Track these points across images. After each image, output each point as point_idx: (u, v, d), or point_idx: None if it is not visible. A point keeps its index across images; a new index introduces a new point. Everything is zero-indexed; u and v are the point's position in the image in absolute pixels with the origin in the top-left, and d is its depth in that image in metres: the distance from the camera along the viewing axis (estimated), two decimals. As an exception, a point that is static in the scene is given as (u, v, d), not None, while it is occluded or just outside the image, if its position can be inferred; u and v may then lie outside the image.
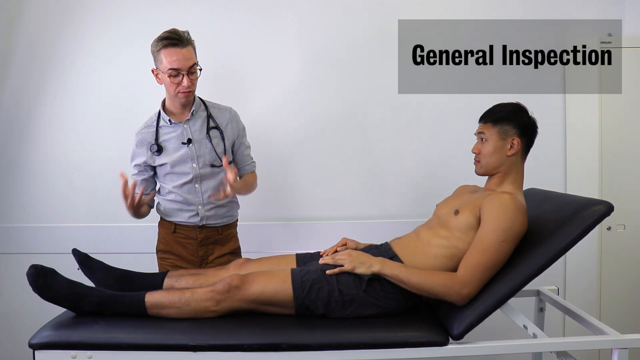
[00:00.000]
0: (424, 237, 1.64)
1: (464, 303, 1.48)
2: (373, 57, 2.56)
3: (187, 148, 1.90)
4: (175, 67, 1.79)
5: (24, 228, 2.55)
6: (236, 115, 2.01)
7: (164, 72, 1.81)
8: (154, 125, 1.93)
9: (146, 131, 1.93)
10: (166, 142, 1.92)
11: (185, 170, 1.92)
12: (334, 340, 1.41)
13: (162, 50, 1.79)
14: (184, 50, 1.79)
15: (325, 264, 1.59)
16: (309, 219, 2.58)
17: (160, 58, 1.81)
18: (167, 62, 1.79)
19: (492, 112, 1.67)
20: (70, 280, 1.51)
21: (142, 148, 1.93)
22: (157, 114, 1.95)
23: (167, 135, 1.92)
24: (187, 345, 1.38)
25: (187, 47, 1.81)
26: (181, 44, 1.79)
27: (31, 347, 1.40)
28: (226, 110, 1.99)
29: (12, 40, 2.52)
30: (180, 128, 1.91)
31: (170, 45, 1.78)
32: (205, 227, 1.97)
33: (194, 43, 1.86)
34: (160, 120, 1.93)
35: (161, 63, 1.81)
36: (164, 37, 1.79)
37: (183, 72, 1.80)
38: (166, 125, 1.92)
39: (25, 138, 2.56)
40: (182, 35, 1.80)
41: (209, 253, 1.99)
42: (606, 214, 1.45)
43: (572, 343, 1.46)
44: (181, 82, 1.82)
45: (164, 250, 2.02)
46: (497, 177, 1.67)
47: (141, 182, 1.95)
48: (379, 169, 2.59)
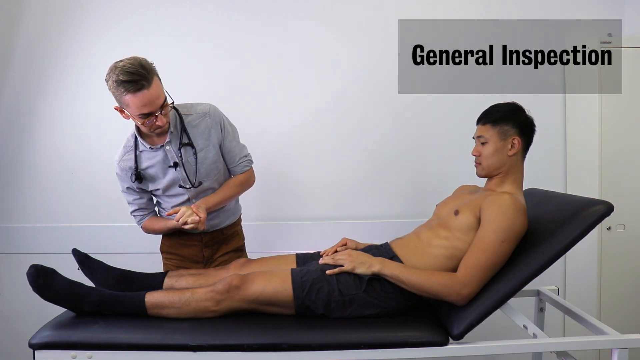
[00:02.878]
0: (424, 237, 1.64)
1: (464, 303, 1.48)
2: (373, 57, 2.56)
3: (176, 171, 1.78)
4: (145, 113, 1.60)
5: (24, 228, 2.56)
6: (216, 116, 1.80)
7: (134, 115, 1.63)
8: (132, 152, 1.78)
9: (127, 158, 1.78)
10: (151, 168, 1.78)
11: (179, 192, 1.83)
12: (334, 340, 1.41)
13: (124, 96, 1.58)
14: (151, 90, 1.57)
15: (325, 264, 1.59)
16: (309, 219, 2.58)
17: (125, 102, 1.59)
18: (136, 107, 1.59)
19: (490, 113, 1.67)
20: (70, 280, 1.51)
21: (126, 176, 1.80)
22: (134, 137, 1.78)
23: (150, 160, 1.78)
24: (187, 345, 1.38)
25: (152, 83, 1.58)
26: (147, 84, 1.56)
27: (31, 347, 1.40)
28: (204, 115, 1.79)
29: (12, 40, 2.52)
30: (162, 152, 1.76)
31: (134, 90, 1.55)
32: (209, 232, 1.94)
33: (156, 69, 1.64)
34: (139, 144, 1.77)
35: (128, 107, 1.60)
36: (125, 80, 1.54)
37: (156, 113, 1.63)
38: (145, 150, 1.77)
39: (25, 138, 2.56)
40: (143, 73, 1.56)
41: (214, 253, 1.97)
42: (606, 214, 1.45)
43: (572, 343, 1.46)
44: (155, 123, 1.65)
45: (167, 252, 2.00)
46: (497, 177, 1.67)
47: (146, 201, 1.88)
48: (379, 169, 2.59)
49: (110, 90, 1.61)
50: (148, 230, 1.93)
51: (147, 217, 1.91)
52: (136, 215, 1.91)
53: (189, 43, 2.52)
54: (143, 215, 1.91)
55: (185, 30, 2.52)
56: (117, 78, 1.56)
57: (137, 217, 1.91)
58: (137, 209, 1.90)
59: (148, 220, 1.91)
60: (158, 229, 1.90)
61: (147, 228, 1.92)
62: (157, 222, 1.90)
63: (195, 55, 2.51)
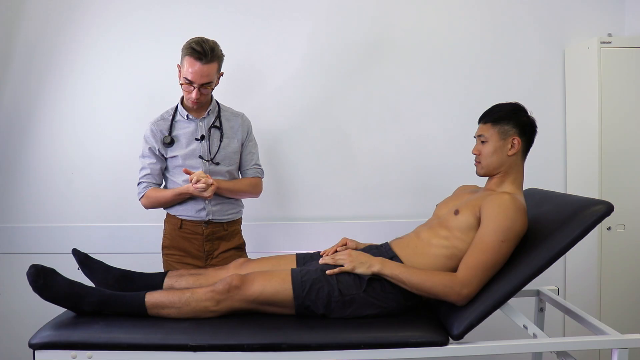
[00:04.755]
0: (424, 237, 1.64)
1: (464, 303, 1.48)
2: (372, 59, 2.56)
3: (199, 144, 1.95)
4: (189, 79, 1.86)
5: (24, 228, 2.56)
6: (247, 121, 2.08)
7: (181, 76, 1.89)
8: (169, 119, 1.98)
9: (161, 123, 1.99)
10: (179, 136, 1.97)
11: (195, 165, 1.95)
12: (334, 340, 1.41)
13: (185, 57, 1.86)
14: (204, 66, 1.84)
15: (325, 264, 1.59)
16: (309, 219, 2.58)
17: (182, 62, 1.89)
18: (185, 71, 1.86)
19: (491, 112, 1.68)
20: (70, 280, 1.51)
21: (155, 137, 1.97)
22: (175, 108, 2.01)
23: (181, 130, 1.98)
24: (187, 345, 1.38)
25: (210, 64, 1.85)
26: (204, 59, 1.83)
27: (31, 347, 1.40)
28: (238, 116, 2.06)
29: (12, 40, 2.52)
30: (195, 124, 1.97)
31: (193, 57, 1.83)
32: (211, 223, 1.99)
33: (221, 61, 1.92)
34: (177, 114, 2.00)
35: (182, 68, 1.89)
36: (193, 47, 1.83)
37: (195, 85, 1.86)
38: (182, 120, 1.99)
39: (25, 138, 2.56)
40: (207, 52, 1.83)
41: (215, 248, 2.01)
42: (606, 214, 1.45)
43: (572, 343, 1.46)
44: (190, 92, 1.88)
45: (169, 247, 2.03)
46: (497, 177, 1.67)
47: (159, 170, 1.99)
48: (379, 169, 2.59)
49: (182, 50, 1.88)
50: (149, 200, 1.98)
51: (151, 186, 1.99)
52: (142, 182, 1.99)
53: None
54: (150, 183, 1.99)
55: (185, 30, 2.51)
56: (191, 42, 1.86)
57: (143, 183, 1.99)
58: (148, 174, 1.98)
59: (151, 189, 1.99)
60: (162, 197, 1.97)
61: (150, 197, 1.98)
62: (162, 190, 2.00)
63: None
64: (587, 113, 2.41)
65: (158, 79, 2.52)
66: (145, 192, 1.98)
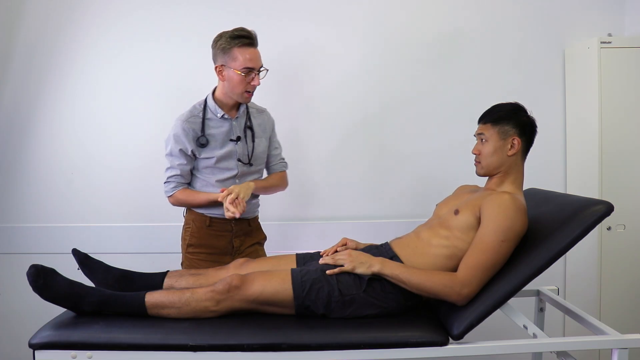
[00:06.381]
0: (424, 237, 1.64)
1: (464, 303, 1.48)
2: (371, 58, 2.57)
3: (235, 145, 1.93)
4: (250, 66, 1.83)
5: (24, 228, 2.56)
6: (270, 117, 2.09)
7: (238, 69, 1.83)
8: (201, 116, 1.92)
9: (194, 120, 1.91)
10: (212, 136, 1.92)
11: (230, 166, 1.95)
12: (334, 340, 1.41)
13: (235, 49, 1.82)
14: (256, 49, 1.86)
15: (325, 264, 1.59)
16: (309, 219, 2.58)
17: (233, 55, 1.83)
18: (243, 60, 1.82)
19: (491, 112, 1.67)
20: (70, 280, 1.51)
21: (188, 137, 1.90)
22: (203, 105, 1.94)
23: (215, 129, 1.93)
24: (187, 345, 1.38)
25: (257, 47, 1.87)
26: (255, 43, 1.85)
27: (31, 347, 1.40)
28: (263, 113, 2.06)
29: (12, 40, 2.52)
30: (229, 124, 1.94)
31: (245, 44, 1.82)
32: (238, 220, 1.96)
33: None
34: (207, 112, 1.93)
35: (235, 61, 1.83)
36: (239, 35, 1.82)
37: (256, 70, 1.86)
38: (215, 118, 1.93)
39: (25, 138, 2.56)
40: (254, 35, 1.85)
41: (242, 243, 2.03)
42: (606, 214, 1.45)
43: (572, 343, 1.46)
44: (252, 81, 1.86)
45: (196, 245, 2.00)
46: (497, 177, 1.67)
47: (188, 170, 1.96)
48: (380, 169, 2.59)
49: (219, 48, 1.84)
50: (179, 201, 1.96)
51: (181, 187, 1.96)
52: (171, 182, 1.95)
53: (189, 43, 2.52)
54: (179, 183, 1.95)
55: (185, 30, 2.53)
56: (231, 34, 1.82)
57: (172, 183, 1.95)
58: (177, 174, 1.94)
59: (182, 190, 1.95)
60: (194, 201, 1.94)
61: (179, 198, 1.95)
62: (194, 193, 1.95)
63: (195, 56, 2.50)
64: (587, 113, 2.41)
65: (158, 78, 2.52)
66: (174, 193, 1.95)
